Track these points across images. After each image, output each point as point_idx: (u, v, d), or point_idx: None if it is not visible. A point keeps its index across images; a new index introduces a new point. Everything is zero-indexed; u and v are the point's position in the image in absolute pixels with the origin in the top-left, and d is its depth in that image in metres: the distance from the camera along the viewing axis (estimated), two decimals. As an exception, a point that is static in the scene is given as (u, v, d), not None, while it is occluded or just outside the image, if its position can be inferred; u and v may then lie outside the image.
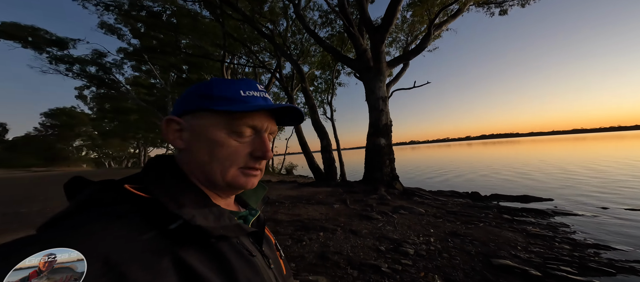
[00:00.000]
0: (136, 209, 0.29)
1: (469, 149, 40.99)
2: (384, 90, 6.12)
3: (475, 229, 3.00)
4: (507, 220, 3.47)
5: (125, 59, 16.92)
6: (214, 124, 0.36)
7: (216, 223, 0.32)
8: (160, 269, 0.25)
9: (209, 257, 0.30)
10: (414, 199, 4.63)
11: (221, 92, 0.36)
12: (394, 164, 6.02)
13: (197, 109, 0.36)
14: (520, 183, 7.40)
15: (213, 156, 0.36)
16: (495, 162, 15.27)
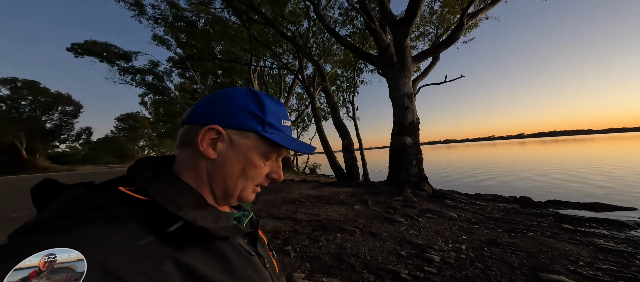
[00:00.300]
0: (133, 211, 0.28)
1: (520, 149, 35.27)
2: (409, 87, 5.71)
3: (522, 238, 2.54)
4: (568, 231, 2.86)
5: (173, 67, 19.28)
6: (255, 147, 0.38)
7: (216, 224, 0.32)
8: (160, 275, 0.24)
9: (211, 258, 0.30)
10: (445, 203, 4.18)
11: (270, 118, 0.39)
12: (422, 164, 5.56)
13: (247, 128, 0.37)
14: (588, 189, 6.04)
15: (244, 173, 0.38)
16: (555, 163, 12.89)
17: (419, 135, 5.70)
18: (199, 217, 0.30)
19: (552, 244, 2.37)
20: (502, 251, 2.23)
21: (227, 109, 0.37)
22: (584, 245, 2.40)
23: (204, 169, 0.37)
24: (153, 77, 21.20)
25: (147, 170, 0.34)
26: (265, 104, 0.39)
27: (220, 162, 0.37)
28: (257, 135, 0.38)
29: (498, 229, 2.86)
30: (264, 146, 0.38)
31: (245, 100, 0.38)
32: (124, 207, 0.28)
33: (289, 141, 0.40)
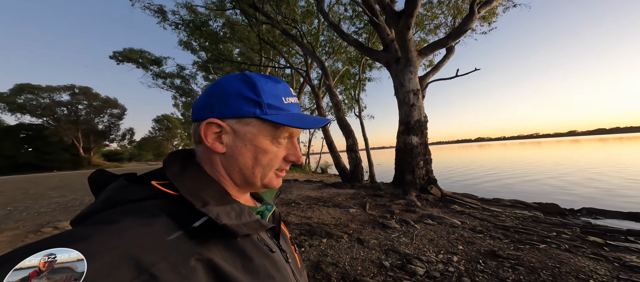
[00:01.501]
0: (163, 205, 0.29)
1: (565, 148, 30.99)
2: (415, 83, 5.36)
3: (529, 251, 2.26)
4: (593, 244, 2.46)
5: (197, 71, 20.61)
6: (261, 132, 0.37)
7: (238, 220, 0.32)
8: (187, 271, 0.25)
9: (233, 254, 0.30)
10: (451, 208, 3.87)
11: (268, 98, 0.37)
12: (431, 165, 5.21)
13: (245, 115, 0.36)
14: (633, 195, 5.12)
15: (257, 161, 0.37)
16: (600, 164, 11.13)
17: (426, 134, 5.36)
18: (222, 214, 0.31)
19: (565, 259, 2.07)
20: (498, 265, 2.01)
21: (221, 100, 0.36)
22: (606, 261, 2.06)
23: (220, 163, 0.37)
24: (180, 81, 23.00)
25: (176, 164, 0.35)
26: (259, 85, 0.36)
27: (231, 155, 0.37)
28: (257, 119, 0.36)
29: (505, 240, 2.58)
30: (269, 129, 0.37)
31: (237, 86, 0.36)
32: (156, 201, 0.30)
33: (294, 119, 0.37)
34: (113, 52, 20.51)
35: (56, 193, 7.85)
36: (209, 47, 12.00)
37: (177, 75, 22.12)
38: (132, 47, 20.06)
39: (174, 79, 22.48)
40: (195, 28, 10.37)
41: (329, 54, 11.88)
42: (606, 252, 2.27)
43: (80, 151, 41.03)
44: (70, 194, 7.60)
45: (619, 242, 2.51)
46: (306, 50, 7.33)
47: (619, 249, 2.35)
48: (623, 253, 2.28)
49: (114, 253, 0.23)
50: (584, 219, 3.58)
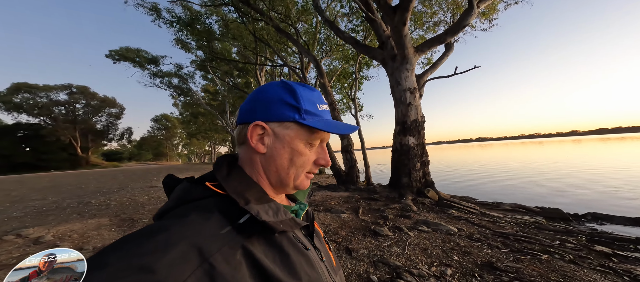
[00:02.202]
0: (216, 203, 0.34)
1: (567, 148, 30.69)
2: (411, 81, 5.16)
3: (530, 262, 2.07)
4: (601, 254, 2.27)
5: (196, 70, 20.39)
6: (298, 135, 0.40)
7: (275, 217, 0.34)
8: (236, 261, 0.29)
9: (272, 250, 0.33)
10: (448, 213, 3.68)
11: (306, 105, 0.40)
12: (428, 167, 5.01)
13: (285, 119, 0.39)
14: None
15: (292, 163, 0.40)
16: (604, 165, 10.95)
17: (424, 134, 5.16)
18: (262, 211, 0.33)
19: (570, 272, 1.88)
20: (496, 279, 1.82)
21: (265, 105, 0.40)
22: (615, 274, 1.87)
23: (259, 163, 0.41)
24: (178, 80, 22.79)
25: (223, 167, 0.39)
26: (298, 93, 0.40)
27: (271, 155, 0.40)
28: (296, 124, 0.40)
29: (504, 249, 2.39)
30: (305, 133, 0.40)
31: (280, 93, 0.40)
32: (210, 200, 0.35)
33: (328, 125, 0.41)
34: (109, 51, 20.34)
35: (38, 195, 7.57)
36: (202, 45, 11.78)
37: (174, 75, 21.91)
38: (128, 46, 19.88)
39: (172, 78, 22.27)
40: (185, 25, 10.16)
41: (326, 52, 11.69)
42: (615, 264, 2.08)
43: (78, 150, 40.81)
44: (53, 196, 7.32)
45: (629, 253, 2.32)
46: (301, 48, 7.15)
47: (628, 261, 2.16)
48: (633, 265, 2.09)
49: (186, 242, 0.27)
50: (589, 226, 3.39)
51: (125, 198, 6.17)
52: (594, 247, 2.39)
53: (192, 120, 28.92)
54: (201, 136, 34.93)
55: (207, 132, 32.35)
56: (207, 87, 25.14)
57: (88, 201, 5.87)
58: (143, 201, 5.72)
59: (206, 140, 41.62)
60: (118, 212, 4.56)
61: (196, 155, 67.79)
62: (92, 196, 6.73)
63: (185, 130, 35.97)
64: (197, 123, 28.56)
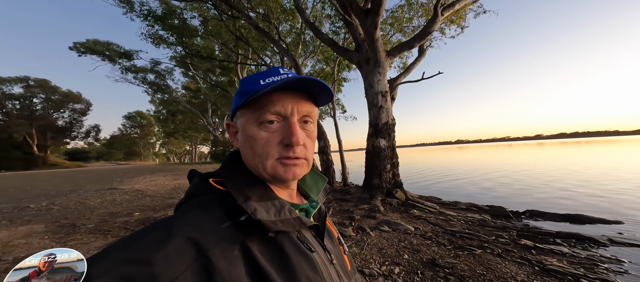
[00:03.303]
0: (217, 199, 0.35)
1: (536, 151, 33.60)
2: (383, 84, 5.44)
3: (466, 258, 2.39)
4: (524, 247, 2.68)
5: (176, 66, 19.39)
6: (247, 120, 0.39)
7: (276, 217, 0.34)
8: (233, 257, 0.29)
9: (269, 250, 0.32)
10: (410, 212, 4.03)
11: (247, 86, 0.39)
12: (398, 169, 5.37)
13: (236, 109, 0.40)
14: (588, 198, 5.67)
15: (253, 151, 0.38)
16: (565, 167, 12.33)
17: (394, 137, 5.50)
18: (260, 210, 0.33)
19: (494, 265, 2.22)
20: (434, 275, 2.09)
21: (233, 104, 0.41)
22: (529, 265, 2.24)
23: (243, 159, 0.41)
24: (155, 76, 21.52)
25: (229, 163, 0.40)
26: (245, 79, 0.41)
27: (242, 148, 0.40)
28: (241, 109, 0.39)
29: (448, 246, 2.71)
30: (250, 114, 0.38)
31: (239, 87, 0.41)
32: (212, 195, 0.35)
33: (258, 85, 0.38)
34: (73, 43, 18.68)
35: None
36: (181, 41, 11.30)
37: (150, 70, 20.67)
38: (97, 39, 18.43)
39: (147, 74, 20.99)
40: (157, 19, 9.69)
41: (310, 53, 11.80)
42: (532, 255, 2.48)
43: (34, 148, 36.82)
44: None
45: (547, 245, 2.76)
46: (280, 48, 7.19)
47: (544, 252, 2.58)
48: (547, 256, 2.50)
49: (184, 236, 0.28)
50: (525, 222, 3.91)
51: (73, 202, 5.58)
52: (520, 242, 2.80)
53: (169, 119, 27.48)
54: (180, 135, 33.30)
55: (186, 131, 30.92)
56: (188, 84, 24.03)
57: (26, 206, 5.24)
58: (94, 205, 5.15)
59: (186, 139, 39.72)
60: (59, 218, 4.14)
61: (175, 154, 64.20)
62: (34, 200, 5.99)
63: (163, 129, 34.04)
64: (175, 121, 27.20)
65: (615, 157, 17.05)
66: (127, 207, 4.84)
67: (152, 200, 5.49)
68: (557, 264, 2.26)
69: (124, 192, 6.61)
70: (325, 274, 0.35)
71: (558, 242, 2.87)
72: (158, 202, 5.25)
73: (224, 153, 18.44)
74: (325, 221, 0.45)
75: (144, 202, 5.31)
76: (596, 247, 2.74)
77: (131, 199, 5.66)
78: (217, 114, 25.44)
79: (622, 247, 2.75)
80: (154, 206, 4.90)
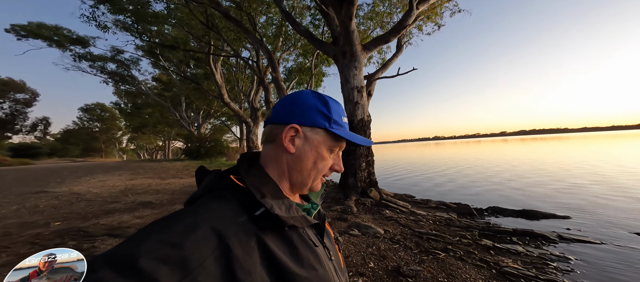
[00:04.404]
0: (236, 194, 0.38)
1: (501, 147, 36.28)
2: (359, 79, 5.31)
3: (430, 262, 2.38)
4: (484, 248, 2.76)
5: (142, 56, 17.61)
6: (324, 142, 0.45)
7: (287, 213, 0.38)
8: (249, 247, 0.32)
9: (283, 242, 0.36)
10: (383, 213, 4.02)
11: (334, 115, 0.46)
12: (373, 167, 5.36)
13: (317, 125, 0.45)
14: (543, 193, 5.92)
15: (315, 165, 0.45)
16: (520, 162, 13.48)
17: (369, 134, 5.45)
18: (275, 206, 0.37)
19: (455, 270, 2.22)
20: (397, 286, 2.03)
21: (301, 110, 0.45)
22: (488, 268, 2.28)
23: (285, 161, 0.45)
24: (117, 65, 19.40)
25: (245, 162, 0.44)
26: (330, 104, 0.46)
27: (298, 156, 0.44)
28: (325, 131, 0.45)
29: (415, 250, 2.70)
30: (330, 140, 0.46)
31: (315, 101, 0.46)
32: (232, 191, 0.39)
33: (350, 135, 0.47)
34: (10, 25, 16.02)
35: None
36: (133, 27, 10.07)
37: (110, 59, 18.56)
38: (42, 22, 16.05)
39: (106, 63, 18.83)
40: (103, 0, 8.57)
41: (289, 47, 11.38)
42: (491, 256, 2.55)
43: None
44: None
45: (505, 244, 2.88)
46: (253, 38, 6.75)
47: (502, 252, 2.67)
48: (504, 256, 2.59)
49: (208, 225, 0.31)
50: (487, 219, 4.10)
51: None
52: (481, 242, 2.88)
53: (134, 112, 25.14)
54: (149, 130, 30.70)
55: (156, 125, 28.61)
56: (160, 76, 22.07)
57: None
58: (5, 213, 4.14)
59: (157, 135, 36.79)
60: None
61: (146, 151, 59.37)
62: None
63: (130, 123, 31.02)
64: (141, 115, 24.97)
65: (566, 151, 19.19)
66: (48, 215, 4.03)
67: (88, 206, 4.69)
68: (513, 265, 2.33)
69: (55, 196, 5.62)
70: (327, 267, 0.41)
71: (514, 241, 3.01)
72: (94, 209, 4.45)
73: (199, 149, 17.32)
74: (324, 221, 0.49)
75: (74, 208, 4.49)
76: (547, 245, 2.92)
77: (59, 204, 4.78)
78: (192, 108, 23.84)
79: (569, 244, 2.96)
80: (85, 213, 4.15)
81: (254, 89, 14.69)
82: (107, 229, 3.29)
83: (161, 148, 51.11)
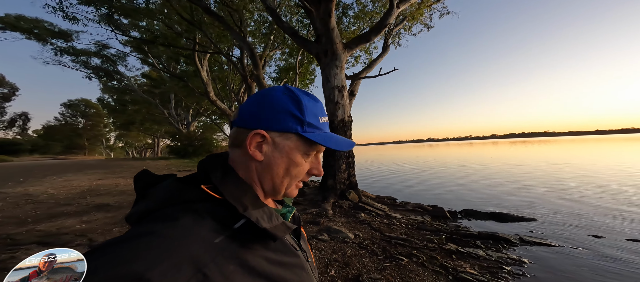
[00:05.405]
0: (210, 208, 0.34)
1: (492, 149, 36.91)
2: (340, 78, 5.27)
3: (392, 269, 2.41)
4: (448, 253, 2.83)
5: (131, 52, 17.07)
6: (297, 147, 0.41)
7: (270, 223, 0.36)
8: (229, 271, 0.29)
9: (268, 254, 0.34)
10: (358, 216, 4.05)
11: (309, 117, 0.41)
12: (354, 169, 5.38)
13: (288, 130, 0.40)
14: (524, 194, 6.11)
15: (288, 172, 0.41)
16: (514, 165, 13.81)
17: (350, 135, 5.46)
18: (260, 218, 0.34)
19: (413, 277, 2.25)
20: (353, 294, 2.06)
21: (269, 112, 0.40)
22: (444, 274, 2.33)
23: (254, 169, 0.41)
24: (102, 61, 18.77)
25: (218, 169, 0.39)
26: (304, 104, 0.41)
27: (267, 164, 0.40)
28: (297, 135, 0.41)
29: (380, 256, 2.73)
30: (304, 145, 0.41)
31: (285, 102, 0.40)
32: (205, 204, 0.34)
33: (327, 139, 0.42)
34: (-16, 16, 15.19)
35: None
36: (108, 18, 9.60)
37: (95, 54, 17.94)
38: (21, 14, 15.34)
39: (90, 58, 18.18)
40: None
41: (278, 45, 11.27)
42: (452, 261, 2.61)
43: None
44: None
45: (468, 248, 2.95)
46: (234, 34, 6.63)
47: (463, 257, 2.74)
48: (465, 260, 2.65)
49: (179, 250, 0.26)
50: (460, 222, 4.20)
51: None
52: (445, 246, 2.95)
53: (119, 108, 24.43)
54: (136, 128, 29.90)
55: (143, 123, 27.93)
56: (150, 73, 21.51)
57: None
58: None
59: (145, 132, 35.87)
60: None
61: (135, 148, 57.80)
62: None
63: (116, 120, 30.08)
64: (126, 112, 24.28)
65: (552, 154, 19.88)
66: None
67: (35, 208, 4.35)
68: (469, 270, 2.39)
69: (4, 197, 5.26)
70: (308, 270, 0.41)
71: (477, 244, 3.09)
72: (39, 212, 4.12)
73: (186, 148, 17.00)
74: (300, 224, 0.49)
75: (17, 211, 4.13)
76: (508, 248, 3.01)
77: (3, 207, 4.42)
78: (181, 106, 23.37)
79: (529, 247, 3.06)
80: (27, 216, 3.84)
81: (243, 88, 14.52)
82: (41, 236, 3.07)
83: (150, 146, 49.94)
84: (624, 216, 4.14)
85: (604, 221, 4.00)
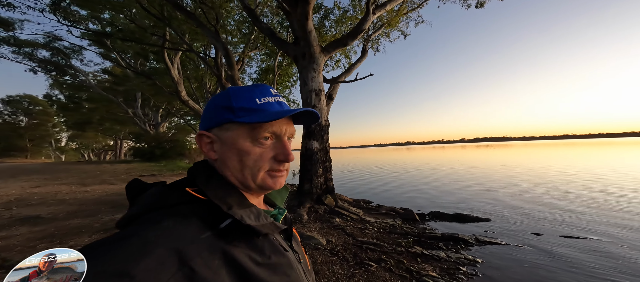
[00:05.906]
0: (195, 209, 0.35)
1: (461, 152, 40.04)
2: (318, 82, 5.28)
3: (361, 276, 2.47)
4: (414, 256, 2.98)
5: (90, 45, 15.30)
6: (239, 135, 0.41)
7: (257, 222, 0.36)
8: (215, 265, 0.30)
9: (253, 252, 0.34)
10: (332, 221, 4.09)
11: (239, 102, 0.41)
12: (330, 172, 5.43)
13: (222, 122, 0.41)
14: (488, 195, 6.65)
15: (243, 163, 0.41)
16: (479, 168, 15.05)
17: (327, 139, 5.48)
18: (245, 216, 0.35)
19: None
20: (320, 304, 2.06)
21: (208, 112, 0.43)
22: (410, 277, 2.45)
23: (218, 169, 0.42)
24: (52, 53, 16.57)
25: (203, 173, 0.40)
26: (231, 94, 0.42)
27: (222, 160, 0.42)
28: (234, 124, 0.41)
29: (351, 262, 2.77)
30: (246, 131, 0.41)
31: (218, 99, 0.43)
32: (190, 206, 0.35)
33: (264, 115, 0.40)
34: None
35: None
36: (54, 7, 8.56)
37: (43, 46, 15.80)
38: None
39: (37, 50, 15.96)
40: None
41: (257, 45, 11.01)
42: (417, 264, 2.75)
43: None
44: None
45: (432, 251, 3.14)
46: (207, 32, 6.32)
47: (427, 259, 2.91)
48: (428, 263, 2.82)
49: (164, 246, 0.28)
50: (427, 224, 4.46)
51: None
52: (412, 250, 3.11)
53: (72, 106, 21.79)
54: (93, 128, 26.80)
55: (102, 123, 25.19)
56: (113, 69, 19.47)
57: None
58: None
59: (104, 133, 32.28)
60: None
61: (92, 151, 51.63)
62: None
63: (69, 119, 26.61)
64: (81, 111, 21.74)
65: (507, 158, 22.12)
66: None
67: None
68: (431, 273, 2.55)
69: None
70: (298, 271, 0.40)
71: (440, 246, 3.31)
72: None
73: (153, 151, 15.68)
74: (291, 225, 0.49)
75: None
76: (465, 249, 3.27)
77: None
78: (149, 105, 21.53)
79: (483, 246, 3.36)
80: None
81: (219, 89, 13.91)
82: None
83: (112, 148, 45.12)
84: (559, 215, 4.77)
85: (544, 217, 4.58)
